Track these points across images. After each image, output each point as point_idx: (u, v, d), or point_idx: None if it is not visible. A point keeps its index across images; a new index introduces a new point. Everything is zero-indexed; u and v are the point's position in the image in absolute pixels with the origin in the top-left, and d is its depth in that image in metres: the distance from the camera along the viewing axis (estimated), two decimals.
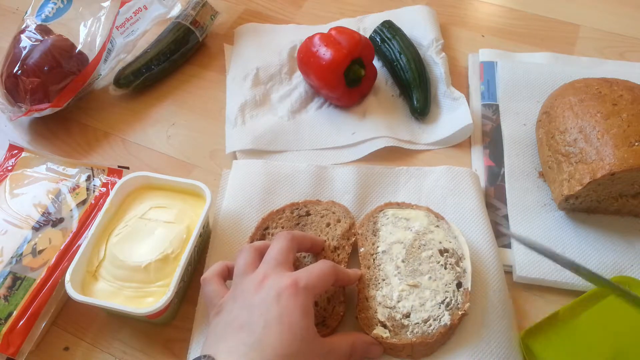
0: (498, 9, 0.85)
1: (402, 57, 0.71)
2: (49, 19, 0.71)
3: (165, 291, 0.49)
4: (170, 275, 0.50)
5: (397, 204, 0.58)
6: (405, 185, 0.61)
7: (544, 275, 0.54)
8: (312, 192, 0.60)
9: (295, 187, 0.61)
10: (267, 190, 0.60)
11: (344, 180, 0.61)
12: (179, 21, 0.76)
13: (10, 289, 0.52)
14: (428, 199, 0.60)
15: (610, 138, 0.52)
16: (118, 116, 0.72)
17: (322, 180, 0.62)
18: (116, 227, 0.54)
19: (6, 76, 0.67)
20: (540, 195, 0.60)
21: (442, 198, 0.59)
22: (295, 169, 0.62)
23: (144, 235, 0.53)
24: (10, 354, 0.49)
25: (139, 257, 0.51)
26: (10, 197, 0.59)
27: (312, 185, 0.61)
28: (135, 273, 0.50)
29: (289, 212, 0.57)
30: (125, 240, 0.53)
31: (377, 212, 0.56)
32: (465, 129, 0.66)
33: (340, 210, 0.57)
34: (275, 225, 0.56)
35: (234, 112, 0.70)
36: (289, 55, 0.76)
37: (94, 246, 0.53)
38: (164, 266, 0.51)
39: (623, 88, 0.57)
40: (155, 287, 0.50)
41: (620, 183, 0.53)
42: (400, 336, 0.47)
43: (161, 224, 0.54)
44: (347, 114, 0.70)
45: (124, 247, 0.52)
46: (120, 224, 0.54)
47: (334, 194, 0.60)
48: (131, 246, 0.52)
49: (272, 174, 0.62)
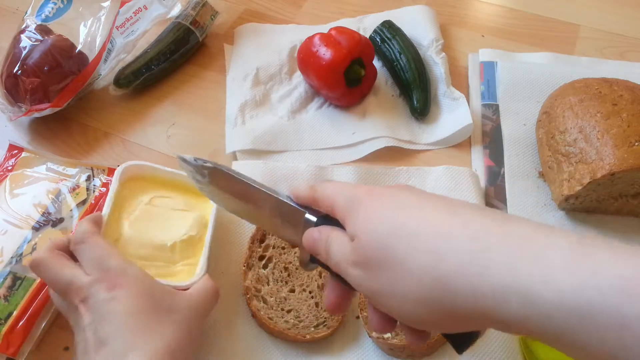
0: (498, 9, 0.85)
1: (402, 57, 0.71)
2: (49, 19, 0.71)
3: (190, 270, 0.50)
4: (195, 255, 0.51)
5: None
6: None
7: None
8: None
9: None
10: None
11: (344, 180, 0.61)
12: (179, 21, 0.76)
13: (10, 289, 0.52)
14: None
15: (610, 138, 0.52)
16: (118, 116, 0.72)
17: (322, 181, 0.62)
18: (124, 211, 0.53)
19: (6, 76, 0.67)
20: (540, 195, 0.60)
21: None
22: (295, 170, 0.62)
23: (159, 218, 0.53)
24: (10, 354, 0.49)
25: (162, 237, 0.51)
26: (10, 197, 0.59)
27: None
28: (159, 252, 0.50)
29: None
30: (140, 221, 0.52)
31: None
32: (466, 129, 0.66)
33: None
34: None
35: (234, 112, 0.70)
36: (289, 55, 0.76)
37: (107, 227, 0.50)
38: (189, 247, 0.51)
39: (623, 88, 0.57)
40: (180, 266, 0.50)
41: (620, 183, 0.53)
42: (401, 336, 0.47)
43: (172, 210, 0.54)
44: (347, 114, 0.70)
45: (143, 228, 0.52)
46: (129, 208, 0.53)
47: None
48: (149, 227, 0.52)
49: (271, 174, 0.62)
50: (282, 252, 0.54)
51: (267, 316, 0.50)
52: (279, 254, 0.54)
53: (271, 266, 0.53)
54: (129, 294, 0.40)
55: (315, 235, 0.37)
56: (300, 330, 0.50)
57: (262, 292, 0.52)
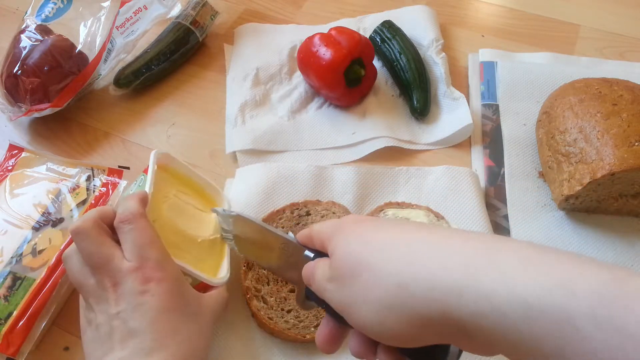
0: (498, 9, 0.85)
1: (402, 57, 0.71)
2: (49, 19, 0.71)
3: (210, 269, 0.49)
4: (214, 256, 0.50)
5: (397, 203, 0.58)
6: (405, 185, 0.61)
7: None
8: (311, 192, 0.60)
9: (295, 188, 0.61)
10: (267, 191, 0.60)
11: (344, 181, 0.61)
12: (179, 21, 0.76)
13: (10, 289, 0.52)
14: (428, 198, 0.60)
15: (610, 138, 0.52)
16: (118, 116, 0.72)
17: (322, 181, 0.62)
18: (162, 195, 0.50)
19: (6, 76, 0.67)
20: (540, 195, 0.60)
21: (442, 198, 0.59)
22: (295, 170, 0.62)
23: (187, 213, 0.51)
24: (10, 354, 0.49)
25: (193, 231, 0.50)
26: (10, 197, 0.59)
27: (312, 185, 0.61)
28: (190, 244, 0.49)
29: (289, 212, 0.57)
30: (174, 209, 0.50)
31: (378, 212, 0.56)
32: (465, 129, 0.66)
33: (340, 210, 0.57)
34: (276, 225, 0.56)
35: (234, 112, 0.70)
36: (289, 55, 0.76)
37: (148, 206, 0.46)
38: (213, 246, 0.51)
39: (623, 88, 0.57)
40: (206, 263, 0.49)
41: (620, 183, 0.53)
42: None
43: (195, 208, 0.52)
44: (347, 114, 0.70)
45: (176, 216, 0.50)
46: (164, 194, 0.51)
47: (333, 194, 0.60)
48: (181, 217, 0.50)
49: (272, 175, 0.61)
50: None
51: (267, 316, 0.50)
52: None
53: None
54: (162, 290, 0.40)
55: (309, 266, 0.39)
56: (301, 330, 0.50)
57: (262, 292, 0.52)
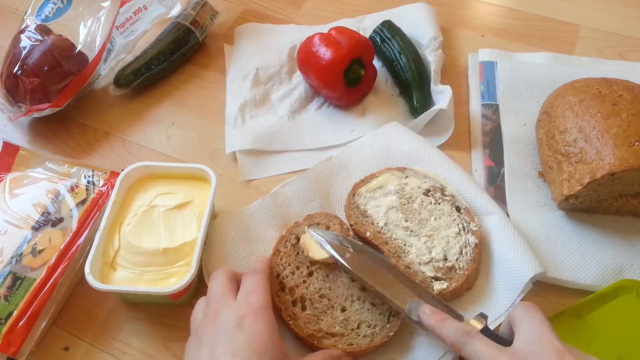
0: (498, 9, 0.85)
1: (402, 57, 0.71)
2: (49, 19, 0.71)
3: (186, 270, 0.50)
4: (190, 254, 0.52)
5: (360, 181, 0.60)
6: (355, 163, 0.63)
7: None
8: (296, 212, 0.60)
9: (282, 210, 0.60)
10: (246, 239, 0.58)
11: (301, 191, 0.61)
12: (179, 21, 0.76)
13: (10, 288, 0.52)
14: (379, 162, 0.62)
15: (610, 138, 0.52)
16: (118, 116, 0.72)
17: (287, 202, 0.60)
18: (126, 217, 0.54)
19: (6, 76, 0.67)
20: (540, 195, 0.60)
21: (386, 155, 0.62)
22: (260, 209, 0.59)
23: (156, 221, 0.54)
24: (11, 354, 0.49)
25: (156, 243, 0.52)
26: (9, 197, 0.59)
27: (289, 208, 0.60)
28: (154, 257, 0.51)
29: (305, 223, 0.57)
30: (138, 227, 0.53)
31: (353, 198, 0.58)
32: (445, 120, 0.66)
33: (324, 217, 0.57)
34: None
35: (233, 112, 0.70)
36: (289, 55, 0.76)
37: (107, 237, 0.53)
38: (183, 247, 0.52)
39: (623, 88, 0.57)
40: (177, 267, 0.51)
41: (620, 183, 0.53)
42: (452, 276, 0.51)
43: (171, 209, 0.55)
44: (347, 114, 0.70)
45: (138, 234, 0.53)
46: (129, 214, 0.55)
47: (306, 209, 0.60)
48: (146, 232, 0.53)
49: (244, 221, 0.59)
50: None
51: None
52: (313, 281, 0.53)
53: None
54: (252, 329, 0.41)
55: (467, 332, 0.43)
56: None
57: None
